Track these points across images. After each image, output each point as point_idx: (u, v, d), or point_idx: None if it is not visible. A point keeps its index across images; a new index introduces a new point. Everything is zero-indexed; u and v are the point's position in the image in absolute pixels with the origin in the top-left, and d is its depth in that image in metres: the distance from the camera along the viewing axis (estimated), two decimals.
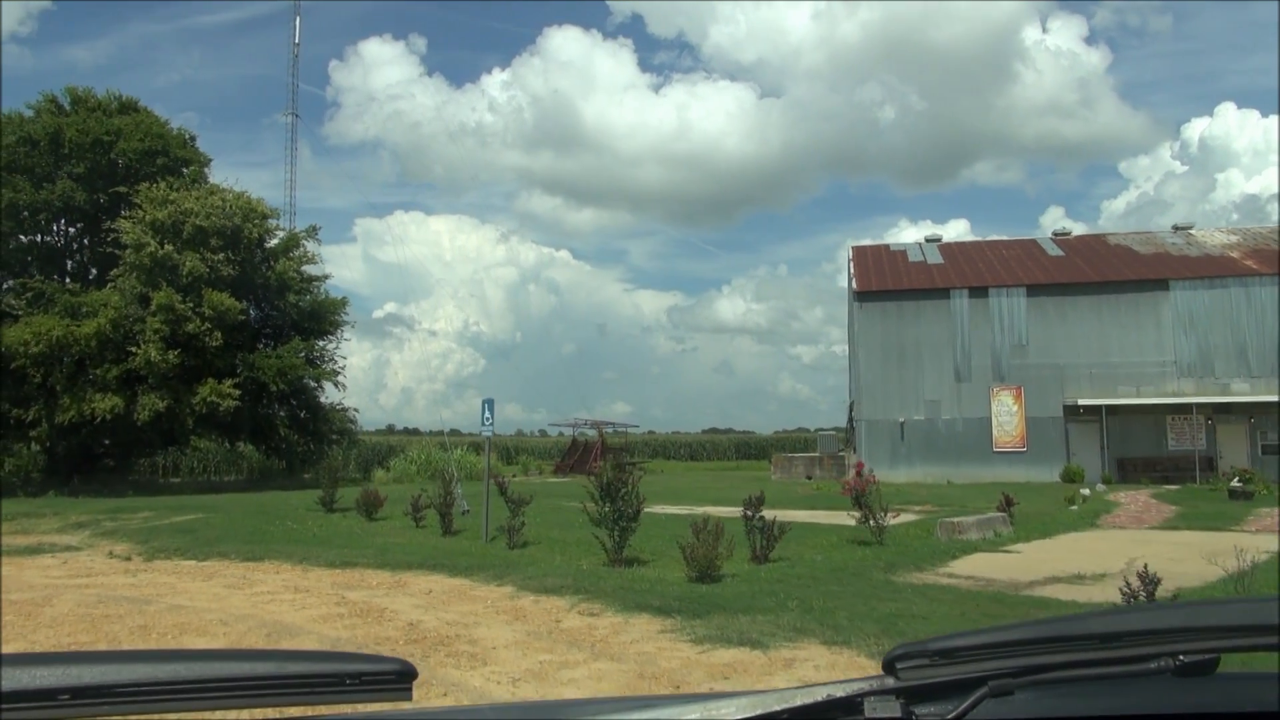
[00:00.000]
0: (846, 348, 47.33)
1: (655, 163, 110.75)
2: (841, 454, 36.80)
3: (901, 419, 33.27)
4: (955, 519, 14.61)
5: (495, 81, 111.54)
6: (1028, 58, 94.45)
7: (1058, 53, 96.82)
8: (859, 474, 13.95)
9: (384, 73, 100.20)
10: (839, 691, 1.08)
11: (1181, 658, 1.07)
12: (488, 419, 14.10)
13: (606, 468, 11.88)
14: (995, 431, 32.73)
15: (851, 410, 38.66)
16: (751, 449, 75.00)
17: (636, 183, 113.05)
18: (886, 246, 39.53)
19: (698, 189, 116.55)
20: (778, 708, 1.07)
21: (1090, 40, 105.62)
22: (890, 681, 1.08)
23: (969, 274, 34.79)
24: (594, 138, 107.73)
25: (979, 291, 33.50)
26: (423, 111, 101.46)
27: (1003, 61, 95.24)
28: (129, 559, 12.19)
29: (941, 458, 32.60)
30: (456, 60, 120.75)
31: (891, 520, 13.79)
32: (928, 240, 39.67)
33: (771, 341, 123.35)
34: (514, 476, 40.75)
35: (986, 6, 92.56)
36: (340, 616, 8.01)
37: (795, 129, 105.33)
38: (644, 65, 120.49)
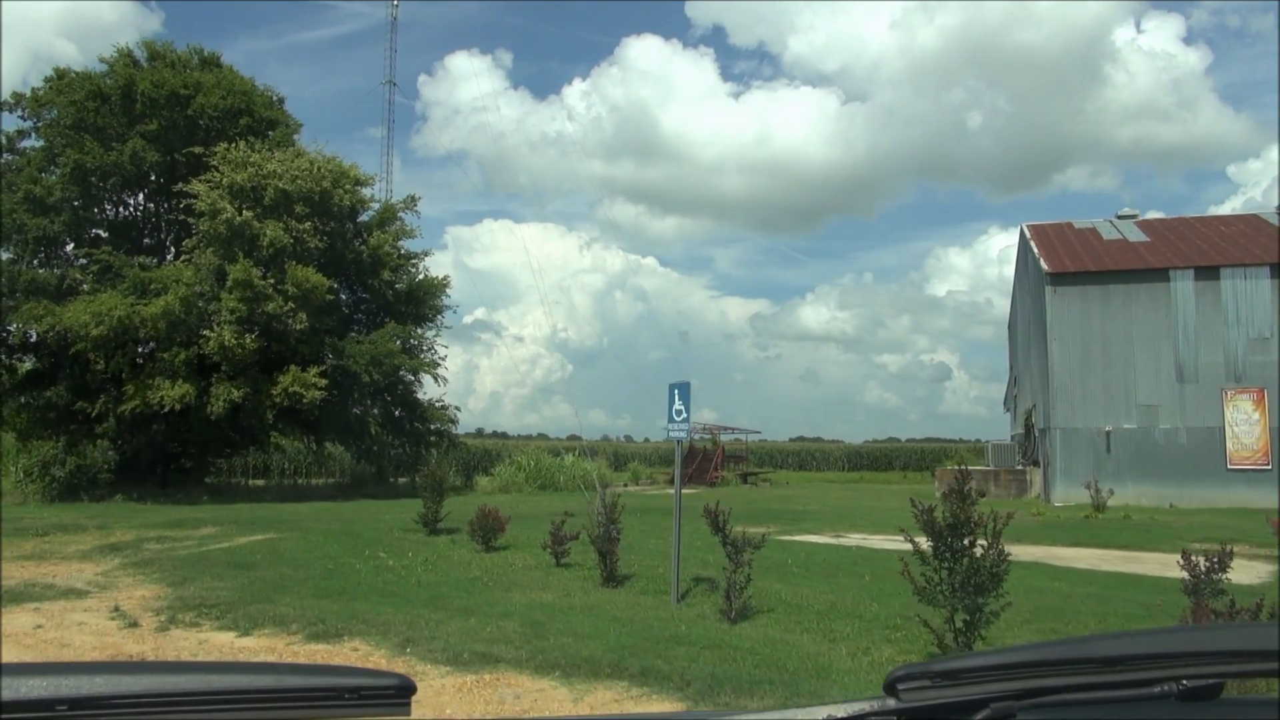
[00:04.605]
0: (1007, 344, 41.23)
1: (737, 170, 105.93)
2: (1020, 467, 30.84)
3: (1108, 428, 27.19)
4: None
5: (576, 91, 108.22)
6: (1119, 59, 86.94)
7: (1152, 53, 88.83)
8: None
9: (471, 85, 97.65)
10: (840, 713, 1.06)
11: (1185, 682, 1.05)
12: (679, 412, 9.20)
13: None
14: (1230, 444, 26.34)
15: (1029, 417, 32.66)
16: (863, 458, 69.22)
17: (719, 190, 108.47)
18: (1070, 224, 33.36)
19: (781, 196, 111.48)
20: None
21: (1188, 40, 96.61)
22: (892, 703, 1.06)
23: (1189, 252, 28.47)
24: (674, 146, 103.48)
25: (1207, 273, 27.15)
26: (508, 123, 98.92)
27: (1093, 63, 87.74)
28: (136, 624, 7.69)
29: (1160, 475, 26.40)
30: (541, 72, 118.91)
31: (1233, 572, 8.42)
32: (1120, 216, 33.34)
33: (857, 350, 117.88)
34: (624, 485, 36.06)
35: (1072, 8, 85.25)
36: None
37: (880, 135, 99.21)
38: (725, 74, 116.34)
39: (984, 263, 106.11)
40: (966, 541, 6.26)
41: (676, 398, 9.20)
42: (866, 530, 17.73)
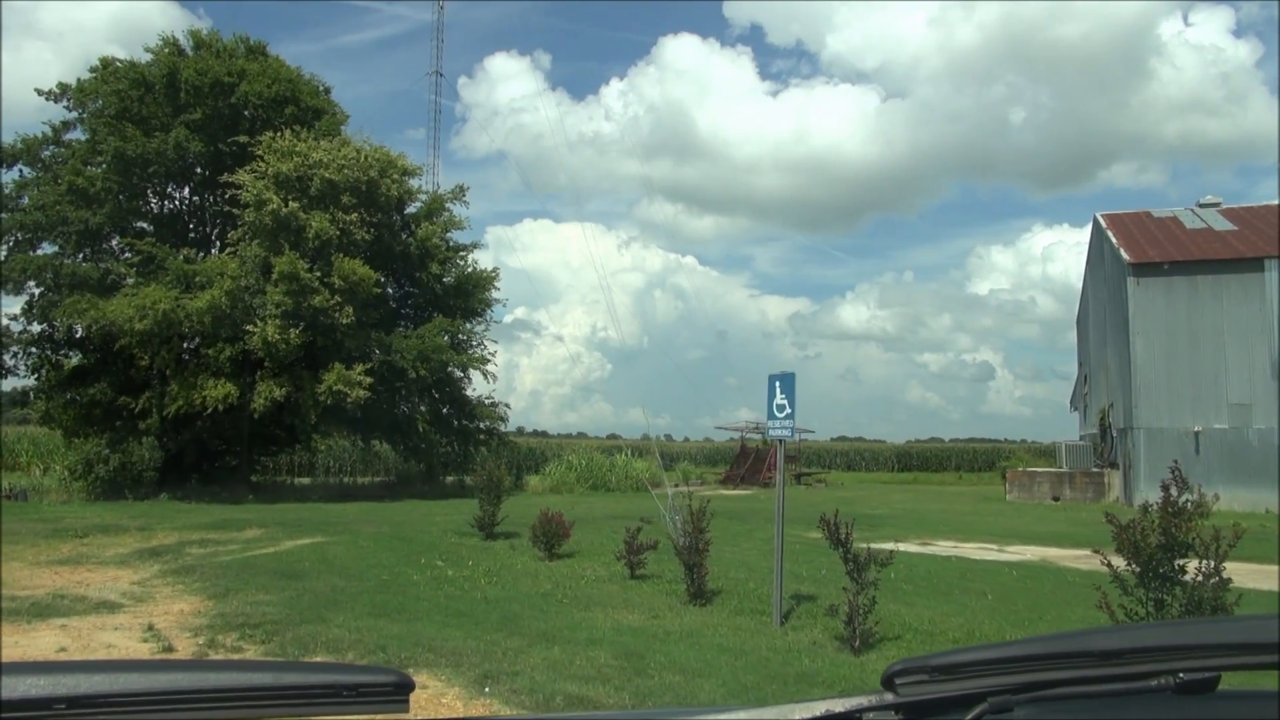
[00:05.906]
0: (1077, 341, 39.34)
1: (775, 169, 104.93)
2: (1097, 469, 29.14)
3: (1197, 427, 25.46)
4: None
5: (614, 91, 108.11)
6: (1166, 53, 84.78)
7: (1200, 47, 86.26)
8: None
9: (511, 86, 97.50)
10: (838, 707, 1.05)
11: (1182, 675, 1.05)
12: (781, 408, 8.03)
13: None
14: None
15: (1104, 416, 30.90)
16: (913, 459, 67.54)
17: (757, 189, 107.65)
18: (1148, 213, 31.54)
19: (820, 194, 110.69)
20: None
21: (1237, 33, 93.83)
22: (889, 697, 1.05)
23: None
24: (712, 145, 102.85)
25: None
26: (547, 123, 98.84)
27: (1138, 57, 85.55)
28: (171, 648, 6.72)
29: (1254, 479, 24.59)
30: (579, 72, 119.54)
31: None
32: (1202, 205, 31.44)
33: (898, 349, 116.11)
34: (675, 486, 34.94)
35: (1115, 4, 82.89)
36: None
37: (920, 132, 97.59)
38: (763, 73, 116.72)
39: (1027, 260, 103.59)
40: (1178, 565, 5.04)
41: (778, 391, 8.05)
42: (953, 537, 16.42)
